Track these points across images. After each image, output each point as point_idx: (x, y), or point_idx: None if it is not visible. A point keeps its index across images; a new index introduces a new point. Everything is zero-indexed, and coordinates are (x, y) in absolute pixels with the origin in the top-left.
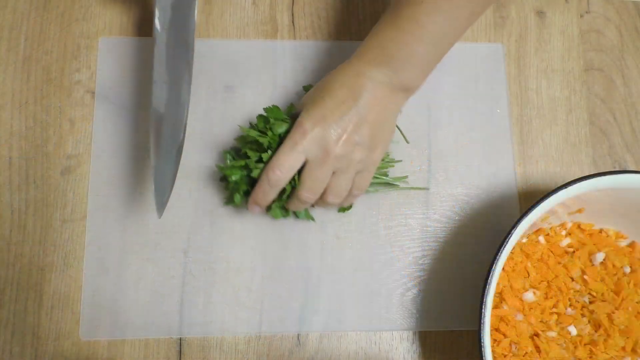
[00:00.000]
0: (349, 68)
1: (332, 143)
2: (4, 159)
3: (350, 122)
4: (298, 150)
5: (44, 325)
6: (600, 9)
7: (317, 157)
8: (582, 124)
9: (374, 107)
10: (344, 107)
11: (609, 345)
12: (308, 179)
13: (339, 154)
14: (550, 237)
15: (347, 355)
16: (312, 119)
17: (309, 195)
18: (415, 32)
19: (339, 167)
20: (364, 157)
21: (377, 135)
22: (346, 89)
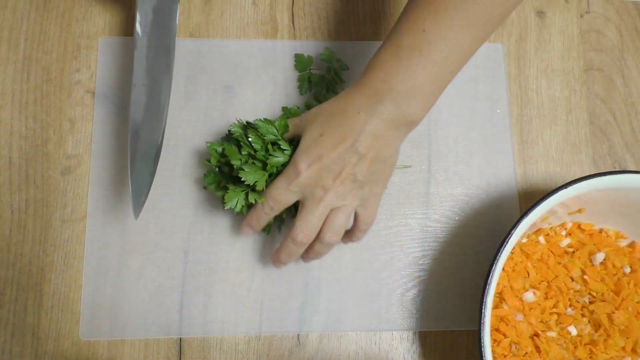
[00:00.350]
0: (349, 103)
1: (327, 183)
2: (4, 159)
3: (348, 162)
4: (291, 189)
5: (44, 325)
6: (600, 9)
7: (312, 197)
8: (582, 124)
9: (373, 146)
10: (342, 147)
11: (609, 346)
12: (301, 220)
13: (337, 192)
14: (550, 237)
15: (347, 355)
16: (308, 158)
17: (303, 237)
18: (418, 62)
19: (336, 206)
20: (364, 194)
21: (377, 171)
22: (345, 127)
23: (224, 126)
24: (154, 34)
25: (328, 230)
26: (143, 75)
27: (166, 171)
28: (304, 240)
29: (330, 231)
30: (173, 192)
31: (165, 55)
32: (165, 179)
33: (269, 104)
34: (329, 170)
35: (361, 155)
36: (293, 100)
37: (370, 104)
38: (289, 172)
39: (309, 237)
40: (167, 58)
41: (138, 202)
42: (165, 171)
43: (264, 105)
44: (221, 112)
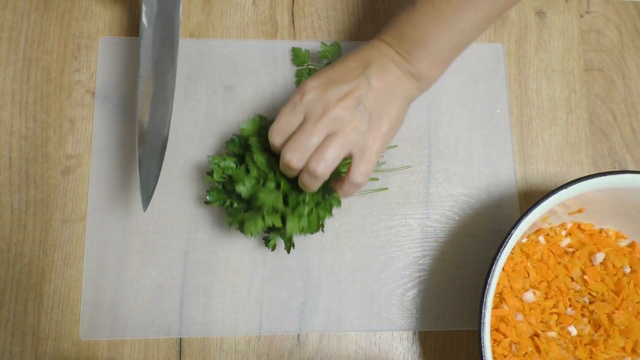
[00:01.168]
0: (366, 44)
1: (331, 103)
2: (4, 159)
3: (358, 88)
4: (296, 111)
5: (44, 325)
6: (600, 9)
7: (313, 115)
8: (582, 124)
9: (383, 80)
10: (352, 74)
11: (609, 346)
12: (295, 136)
13: (337, 114)
14: (550, 237)
15: (347, 355)
16: (315, 82)
17: (292, 155)
18: (430, 14)
19: (333, 130)
20: (362, 128)
21: (383, 110)
22: (357, 58)
23: (224, 126)
24: (159, 26)
25: (315, 157)
26: (149, 67)
27: (166, 171)
28: (291, 164)
29: (317, 158)
30: (173, 192)
31: (170, 48)
32: (165, 179)
33: (269, 104)
34: (334, 91)
35: (371, 85)
36: None
37: (384, 45)
38: (295, 96)
39: (295, 161)
40: (171, 50)
41: (147, 194)
42: (165, 171)
43: (264, 105)
44: (221, 112)
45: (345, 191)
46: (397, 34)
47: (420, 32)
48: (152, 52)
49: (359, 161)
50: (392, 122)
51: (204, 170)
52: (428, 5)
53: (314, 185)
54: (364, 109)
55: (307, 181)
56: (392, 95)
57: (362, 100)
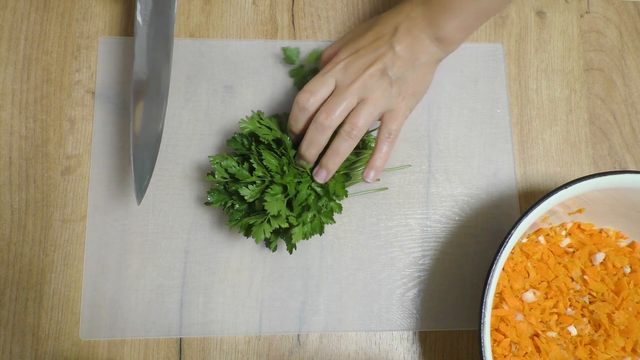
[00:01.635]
0: (395, 8)
1: (361, 69)
2: (4, 159)
3: (384, 55)
4: (328, 76)
5: (44, 325)
6: (600, 9)
7: (344, 82)
8: (582, 124)
9: (408, 46)
10: (381, 40)
11: (609, 346)
12: (330, 101)
13: (366, 81)
14: (550, 237)
15: (347, 355)
16: (347, 49)
17: (327, 117)
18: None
19: (364, 96)
20: (392, 92)
21: (408, 74)
22: (386, 25)
23: (224, 126)
24: (154, 23)
25: (350, 120)
26: (143, 63)
27: (166, 171)
28: (326, 123)
29: (349, 122)
30: (173, 192)
31: (165, 45)
32: (165, 179)
33: (269, 104)
34: (363, 59)
35: (396, 52)
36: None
37: (411, 9)
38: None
39: (331, 121)
40: (166, 47)
41: (140, 187)
42: (165, 171)
43: (264, 105)
44: (221, 112)
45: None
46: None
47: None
48: (147, 49)
49: (388, 120)
50: (418, 85)
51: (204, 170)
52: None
53: (347, 147)
54: (391, 74)
55: (341, 144)
56: (417, 60)
57: (389, 66)
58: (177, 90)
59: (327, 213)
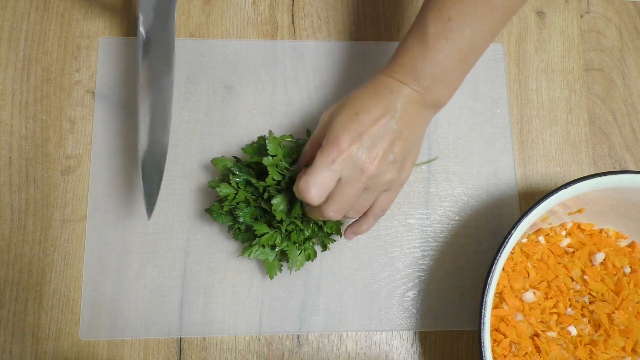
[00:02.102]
0: (381, 86)
1: (367, 161)
2: (4, 159)
3: (386, 140)
4: (334, 168)
5: (44, 325)
6: (600, 9)
7: (352, 176)
8: (582, 124)
9: (407, 124)
10: (380, 123)
11: (609, 346)
12: (338, 197)
13: (374, 174)
14: (550, 237)
15: (347, 355)
16: (348, 135)
17: (335, 215)
18: (444, 49)
19: (369, 186)
20: (394, 177)
21: (408, 153)
22: (381, 106)
23: (224, 126)
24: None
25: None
26: (147, 76)
27: (166, 171)
28: (335, 217)
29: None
30: (173, 192)
31: (167, 55)
32: (165, 179)
33: (269, 104)
34: (368, 149)
35: (397, 133)
36: (293, 100)
37: (402, 86)
38: (330, 151)
39: (339, 216)
40: (168, 57)
41: (150, 202)
42: (165, 171)
43: (264, 105)
44: (221, 112)
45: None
46: (412, 72)
47: (438, 67)
48: (150, 62)
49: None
50: (415, 159)
51: (204, 170)
52: (442, 41)
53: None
54: (394, 159)
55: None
56: (415, 135)
57: (392, 151)
58: (177, 90)
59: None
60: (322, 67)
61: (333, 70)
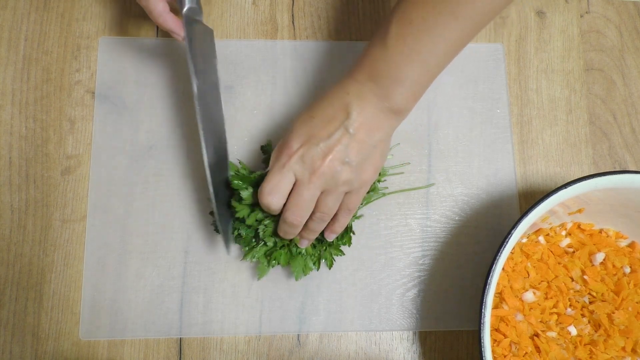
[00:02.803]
0: (339, 87)
1: (318, 161)
2: (4, 159)
3: (339, 141)
4: (285, 171)
5: (44, 325)
6: (600, 9)
7: (304, 177)
8: (582, 124)
9: (363, 126)
10: (332, 125)
11: (609, 346)
12: (295, 199)
13: (326, 173)
14: (550, 237)
15: (347, 355)
16: (299, 137)
17: (295, 217)
18: (403, 52)
19: (326, 187)
20: (353, 177)
21: (367, 156)
22: (335, 107)
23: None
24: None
25: (318, 210)
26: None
27: (166, 171)
28: (295, 222)
29: (320, 211)
30: (173, 192)
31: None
32: (165, 179)
33: (269, 104)
34: (319, 149)
35: (351, 135)
36: (293, 100)
37: (359, 87)
38: (282, 155)
39: (300, 219)
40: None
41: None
42: (165, 171)
43: (264, 105)
44: None
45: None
46: (371, 74)
47: (396, 70)
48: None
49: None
50: (377, 164)
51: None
52: (400, 43)
53: (322, 226)
54: (349, 160)
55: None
56: (374, 139)
57: (346, 152)
58: (177, 90)
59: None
60: (322, 67)
61: (333, 70)
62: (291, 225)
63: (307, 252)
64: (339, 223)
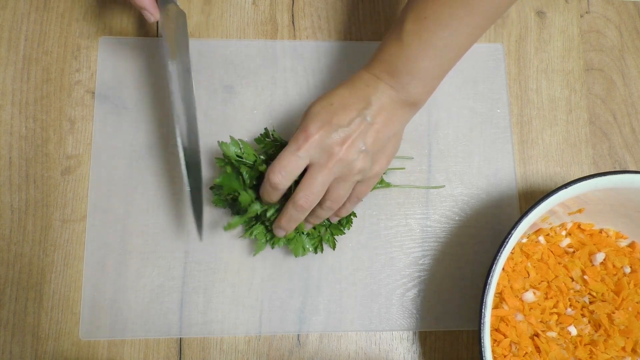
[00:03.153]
0: (357, 79)
1: (336, 147)
2: (4, 159)
3: (357, 128)
4: (300, 154)
5: (44, 325)
6: (600, 9)
7: (320, 161)
8: (582, 124)
9: (381, 116)
10: (352, 112)
11: (609, 346)
12: (307, 182)
13: (342, 159)
14: (550, 237)
15: (347, 355)
16: (317, 122)
17: (306, 200)
18: (419, 47)
19: (340, 174)
20: (366, 167)
21: (382, 146)
22: (355, 97)
23: (224, 126)
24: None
25: (329, 198)
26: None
27: (166, 171)
28: (305, 206)
29: (330, 199)
30: (173, 192)
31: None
32: (165, 179)
33: (269, 104)
34: (337, 135)
35: (370, 124)
36: (293, 100)
37: (378, 81)
38: (298, 138)
39: (310, 203)
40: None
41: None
42: (165, 171)
43: (264, 105)
44: (221, 112)
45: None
46: (389, 69)
47: (413, 65)
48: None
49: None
50: (390, 155)
51: (204, 169)
52: (416, 39)
53: (325, 216)
54: (366, 149)
55: (321, 214)
56: (390, 129)
57: (364, 140)
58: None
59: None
60: (322, 67)
61: (333, 70)
62: (300, 209)
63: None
64: (345, 209)
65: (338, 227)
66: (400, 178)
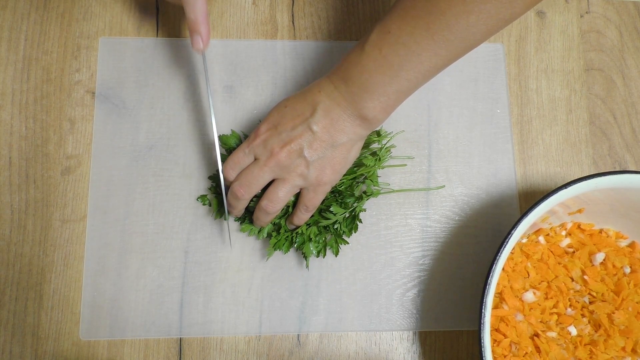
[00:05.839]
0: (316, 85)
1: (277, 148)
2: (4, 159)
3: (300, 136)
4: (246, 151)
5: (44, 325)
6: (600, 9)
7: (261, 158)
8: (582, 124)
9: (326, 127)
10: (298, 119)
11: (609, 346)
12: (243, 172)
13: (281, 161)
14: (550, 237)
15: (347, 355)
16: (268, 123)
17: (238, 189)
18: (376, 60)
19: (280, 175)
20: (307, 173)
21: (325, 156)
22: (305, 102)
23: (224, 126)
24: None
25: (265, 198)
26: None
27: (166, 171)
28: (238, 194)
29: (267, 199)
30: (173, 192)
31: None
32: (165, 179)
33: (269, 104)
34: (280, 137)
35: (314, 133)
36: None
37: (332, 88)
38: (250, 137)
39: (242, 192)
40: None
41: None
42: (165, 171)
43: (264, 105)
44: (221, 112)
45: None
46: (344, 76)
47: (366, 77)
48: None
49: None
50: (338, 164)
51: (204, 170)
52: (376, 51)
53: (266, 219)
54: (308, 156)
55: (259, 216)
56: (335, 141)
57: (305, 148)
58: (177, 90)
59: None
60: (322, 67)
61: None
62: (235, 196)
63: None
64: (297, 217)
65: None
66: (400, 178)
